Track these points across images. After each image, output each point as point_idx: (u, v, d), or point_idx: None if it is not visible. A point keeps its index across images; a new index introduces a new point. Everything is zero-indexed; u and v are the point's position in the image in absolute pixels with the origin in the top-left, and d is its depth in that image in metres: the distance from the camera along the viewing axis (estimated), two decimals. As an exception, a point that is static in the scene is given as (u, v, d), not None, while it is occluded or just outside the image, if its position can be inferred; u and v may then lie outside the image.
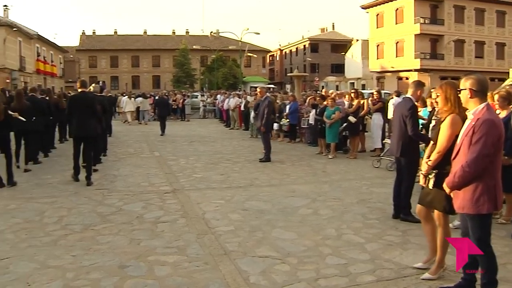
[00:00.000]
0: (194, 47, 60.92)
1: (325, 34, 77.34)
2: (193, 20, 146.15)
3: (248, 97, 22.00)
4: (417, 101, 6.62)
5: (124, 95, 29.83)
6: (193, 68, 61.69)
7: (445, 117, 4.38)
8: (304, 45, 75.71)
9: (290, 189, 8.70)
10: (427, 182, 4.45)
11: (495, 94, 6.68)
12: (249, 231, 6.05)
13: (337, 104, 12.89)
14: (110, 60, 70.15)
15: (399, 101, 8.77)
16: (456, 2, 45.79)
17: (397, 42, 47.16)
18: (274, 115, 15.13)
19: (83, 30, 73.57)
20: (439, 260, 4.52)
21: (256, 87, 22.53)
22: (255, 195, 8.19)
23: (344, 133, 13.18)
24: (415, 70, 43.49)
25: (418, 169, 5.90)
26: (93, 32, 73.38)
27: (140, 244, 5.56)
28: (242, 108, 21.30)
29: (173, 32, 75.55)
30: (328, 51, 73.66)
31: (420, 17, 44.23)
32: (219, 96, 28.13)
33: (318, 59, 71.86)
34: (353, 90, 14.31)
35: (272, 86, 51.81)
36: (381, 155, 11.44)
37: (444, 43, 45.30)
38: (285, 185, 9.15)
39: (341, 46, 70.23)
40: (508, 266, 4.79)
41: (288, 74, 48.23)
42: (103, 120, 10.42)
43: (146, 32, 74.55)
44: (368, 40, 53.44)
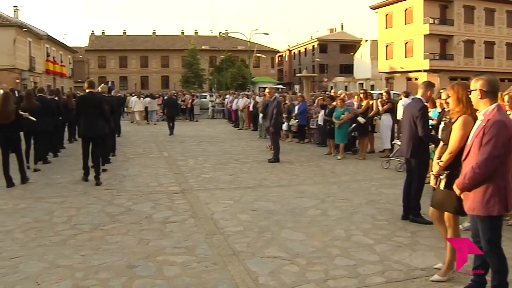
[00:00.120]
0: (203, 47, 60.95)
1: (334, 35, 77.25)
2: (202, 21, 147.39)
3: (257, 97, 21.92)
4: (427, 102, 6.57)
5: (133, 95, 29.98)
6: (202, 68, 61.83)
7: (457, 118, 4.35)
8: (313, 46, 75.66)
9: (299, 189, 8.69)
10: (438, 183, 4.43)
11: (505, 95, 6.61)
12: (258, 232, 6.04)
13: (346, 105, 12.87)
14: (119, 60, 70.61)
15: (409, 101, 8.72)
16: (466, 2, 45.40)
17: (406, 42, 46.94)
18: (281, 116, 15.10)
19: (92, 31, 73.95)
20: (448, 262, 4.49)
21: (265, 88, 22.49)
22: (264, 195, 8.18)
23: (353, 134, 13.13)
24: (424, 71, 43.26)
25: (429, 170, 5.87)
26: (102, 32, 73.90)
27: (149, 244, 5.57)
28: (251, 109, 21.25)
29: (182, 33, 75.89)
30: (337, 52, 73.51)
31: (430, 18, 43.89)
32: (228, 96, 28.11)
33: (327, 60, 71.81)
34: (362, 91, 14.21)
35: (281, 86, 51.73)
36: (390, 156, 11.38)
37: (454, 44, 44.97)
38: (294, 185, 9.13)
39: (350, 46, 70.05)
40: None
41: (297, 75, 48.12)
42: (111, 120, 10.47)
43: (155, 33, 75.01)
44: (377, 40, 53.33)
